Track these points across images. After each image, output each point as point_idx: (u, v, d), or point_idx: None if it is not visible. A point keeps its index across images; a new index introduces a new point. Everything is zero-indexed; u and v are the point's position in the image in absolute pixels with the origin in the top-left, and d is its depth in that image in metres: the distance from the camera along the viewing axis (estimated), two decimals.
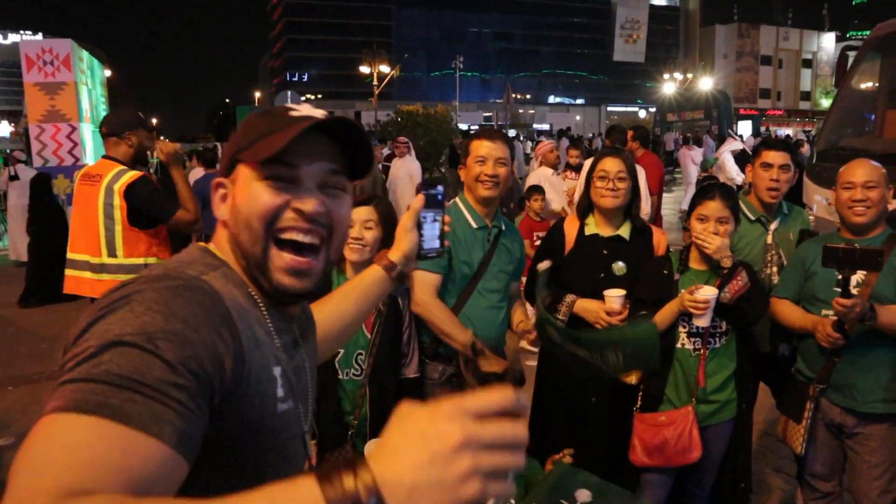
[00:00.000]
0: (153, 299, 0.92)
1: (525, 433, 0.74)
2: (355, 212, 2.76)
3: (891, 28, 8.59)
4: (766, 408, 4.35)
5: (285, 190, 1.11)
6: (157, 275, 0.98)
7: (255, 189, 1.11)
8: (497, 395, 0.74)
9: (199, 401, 0.89)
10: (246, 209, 1.10)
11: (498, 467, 0.71)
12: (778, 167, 3.25)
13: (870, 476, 2.89)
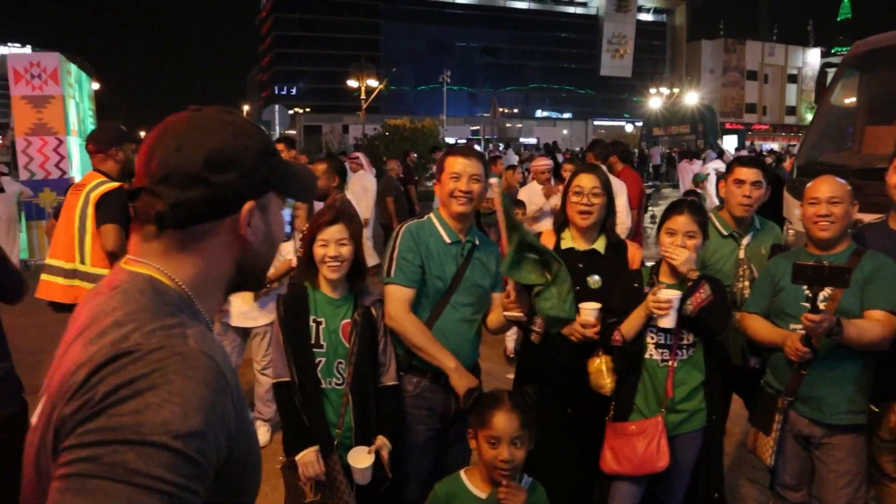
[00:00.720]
0: (165, 388, 0.92)
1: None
2: (328, 231, 2.84)
3: (868, 46, 8.74)
4: (742, 419, 4.41)
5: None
6: (153, 348, 0.96)
7: (281, 216, 1.28)
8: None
9: (209, 482, 0.95)
10: (277, 232, 1.27)
11: None
12: (750, 183, 3.34)
13: (837, 485, 2.96)
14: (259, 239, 1.20)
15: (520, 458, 2.34)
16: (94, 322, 1.02)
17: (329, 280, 2.88)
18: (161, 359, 0.95)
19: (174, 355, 0.96)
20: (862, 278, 2.87)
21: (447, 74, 58.72)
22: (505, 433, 2.31)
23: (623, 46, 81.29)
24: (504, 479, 2.33)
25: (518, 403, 2.38)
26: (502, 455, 2.29)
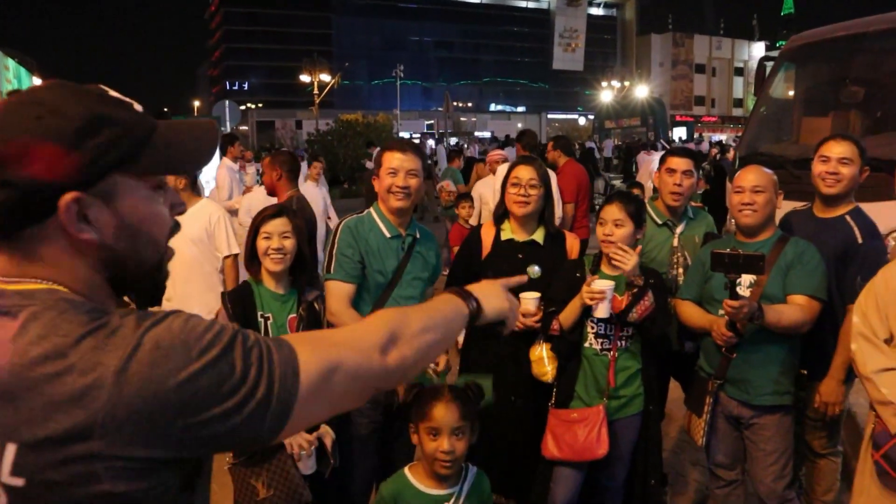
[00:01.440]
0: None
1: (514, 302, 1.71)
2: (272, 224, 2.86)
3: (803, 40, 8.99)
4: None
5: (164, 197, 1.12)
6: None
7: (152, 202, 1.08)
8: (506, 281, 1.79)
9: None
10: (143, 221, 1.06)
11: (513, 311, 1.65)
12: (681, 172, 3.45)
13: (765, 463, 3.08)
14: (110, 234, 1.02)
15: (461, 450, 2.35)
16: None
17: (272, 273, 2.90)
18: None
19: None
20: (785, 264, 2.99)
21: (400, 69, 58.64)
22: (445, 424, 2.31)
23: (575, 40, 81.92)
24: (445, 470, 2.34)
25: (458, 395, 2.39)
26: (442, 446, 2.30)
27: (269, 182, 4.79)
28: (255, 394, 0.95)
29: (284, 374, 0.98)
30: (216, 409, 0.92)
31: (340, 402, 1.11)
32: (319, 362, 1.03)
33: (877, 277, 2.66)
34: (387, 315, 1.23)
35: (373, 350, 1.12)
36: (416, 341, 1.20)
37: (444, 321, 1.34)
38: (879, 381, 2.51)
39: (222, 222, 4.69)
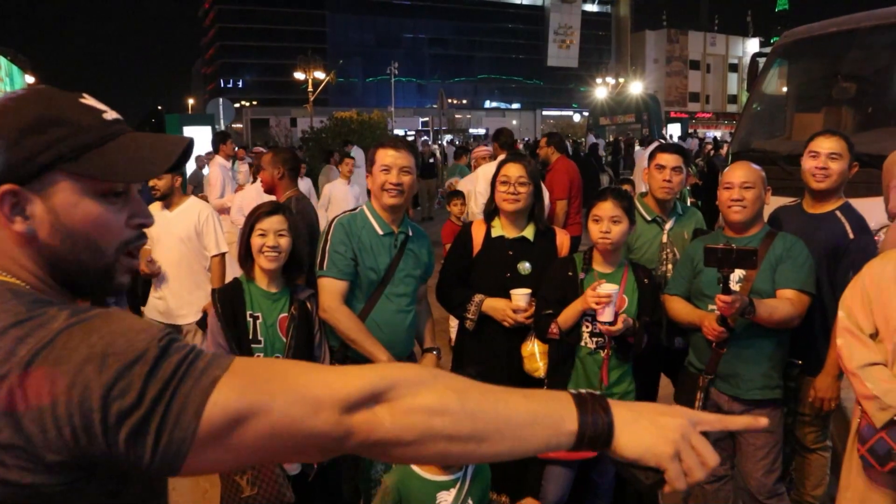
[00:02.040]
0: None
1: (715, 460, 1.04)
2: (268, 221, 2.86)
3: (795, 36, 9.00)
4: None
5: (122, 206, 1.09)
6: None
7: (98, 207, 1.06)
8: (714, 420, 1.10)
9: None
10: (82, 224, 1.05)
11: (690, 461, 1.02)
12: (671, 168, 3.47)
13: (755, 457, 3.10)
14: (46, 231, 1.02)
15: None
16: None
17: (266, 271, 2.89)
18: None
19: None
20: (774, 259, 3.00)
21: (395, 66, 58.50)
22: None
23: (569, 37, 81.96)
24: None
25: None
26: None
27: (269, 180, 4.71)
28: (146, 422, 0.87)
29: (183, 409, 0.88)
30: (99, 422, 0.86)
31: (256, 454, 0.93)
32: (233, 405, 0.89)
33: (862, 272, 2.68)
34: (393, 371, 0.99)
35: (328, 406, 0.92)
36: (412, 420, 0.95)
37: (501, 420, 0.99)
38: (864, 376, 2.54)
39: (211, 221, 4.70)
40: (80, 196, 1.03)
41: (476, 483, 2.48)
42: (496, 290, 3.30)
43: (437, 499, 2.41)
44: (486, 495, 2.58)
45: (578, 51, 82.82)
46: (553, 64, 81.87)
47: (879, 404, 2.48)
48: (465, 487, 2.44)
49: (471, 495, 2.45)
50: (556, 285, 3.19)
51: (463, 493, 2.43)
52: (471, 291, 3.34)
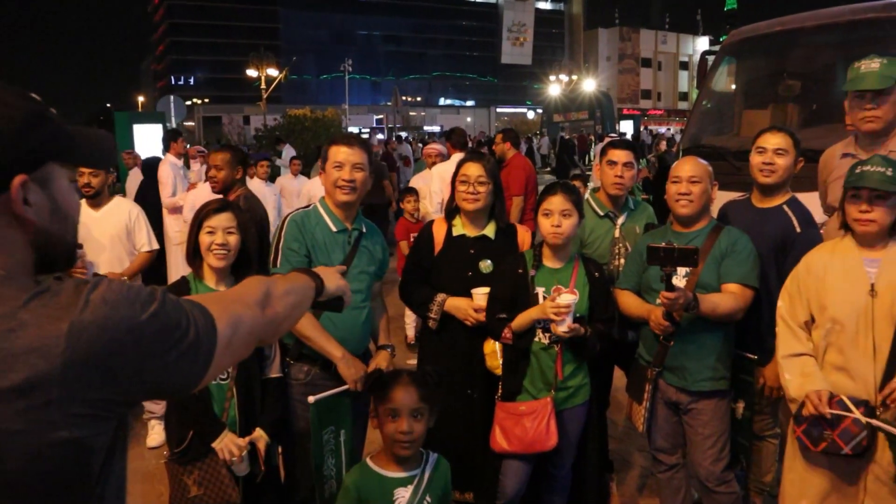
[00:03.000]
0: None
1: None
2: (216, 218, 2.82)
3: (743, 34, 9.19)
4: None
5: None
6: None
7: (72, 191, 1.23)
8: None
9: None
10: (67, 206, 1.21)
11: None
12: (622, 164, 3.52)
13: (704, 446, 3.16)
14: (45, 216, 1.14)
15: (419, 431, 2.40)
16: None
17: (215, 269, 2.86)
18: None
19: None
20: (719, 253, 3.06)
21: (349, 63, 58.21)
22: (404, 405, 2.37)
23: (523, 34, 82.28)
24: (404, 451, 2.39)
25: (417, 379, 2.46)
26: (401, 427, 2.36)
27: (228, 179, 4.67)
28: (187, 339, 1.11)
29: (206, 325, 1.17)
30: (160, 352, 1.08)
31: (240, 353, 1.32)
32: (228, 318, 1.23)
33: (800, 263, 2.81)
34: (259, 279, 1.48)
35: (257, 306, 1.35)
36: (284, 300, 1.47)
37: (301, 288, 1.62)
38: (785, 366, 2.73)
39: (141, 218, 4.69)
40: (65, 181, 1.19)
41: (435, 479, 2.49)
42: (458, 289, 3.31)
43: (395, 495, 2.41)
44: (448, 491, 2.59)
45: (532, 48, 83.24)
46: (507, 61, 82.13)
47: (787, 395, 2.72)
48: (423, 483, 2.45)
49: (429, 491, 2.46)
50: (507, 283, 3.19)
51: (421, 489, 2.44)
52: (433, 291, 3.35)
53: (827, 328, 2.67)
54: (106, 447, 1.08)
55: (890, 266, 2.59)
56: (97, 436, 1.05)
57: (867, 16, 7.69)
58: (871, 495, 2.61)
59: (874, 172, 2.54)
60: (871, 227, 2.58)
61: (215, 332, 1.18)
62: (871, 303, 2.58)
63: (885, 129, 3.27)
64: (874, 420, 2.54)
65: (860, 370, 2.59)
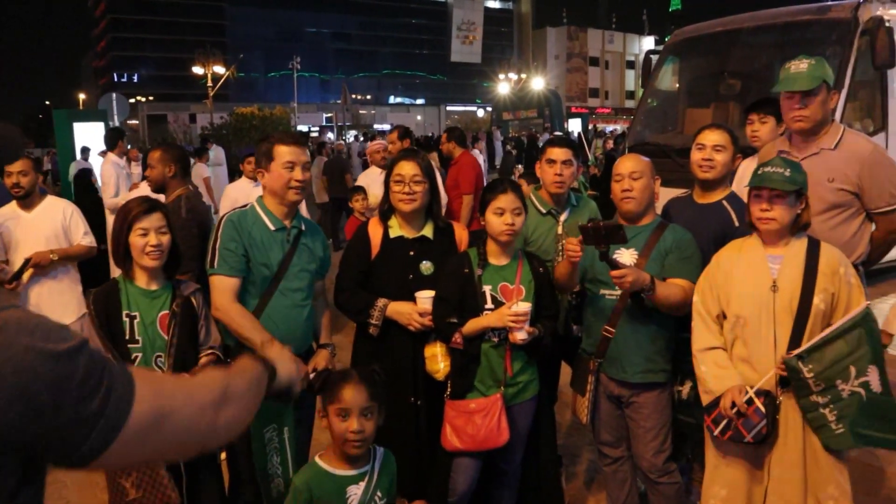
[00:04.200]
0: None
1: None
2: (147, 220, 2.77)
3: (685, 34, 9.41)
4: None
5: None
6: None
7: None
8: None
9: None
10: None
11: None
12: (561, 162, 3.55)
13: (645, 439, 3.21)
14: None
15: (370, 430, 2.42)
16: None
17: (146, 269, 2.81)
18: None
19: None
20: (663, 250, 3.11)
21: (297, 61, 57.64)
22: (354, 404, 2.38)
23: (472, 33, 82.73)
24: (356, 450, 2.41)
25: (365, 377, 2.46)
26: (352, 426, 2.37)
27: (159, 178, 4.53)
28: (88, 404, 0.93)
29: (120, 397, 0.98)
30: (58, 402, 0.91)
31: (164, 451, 1.13)
32: (155, 403, 1.03)
33: (712, 260, 2.91)
34: (217, 375, 1.29)
35: (211, 408, 1.16)
36: (242, 401, 1.28)
37: (257, 383, 1.43)
38: (700, 359, 2.83)
39: (77, 216, 4.59)
40: None
41: (383, 475, 2.52)
42: (399, 293, 3.23)
43: (347, 493, 2.44)
44: (393, 487, 2.61)
45: (481, 46, 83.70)
46: (456, 59, 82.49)
47: (704, 387, 2.81)
48: (374, 480, 2.48)
49: (379, 487, 2.49)
50: (453, 284, 3.15)
51: (372, 486, 2.47)
52: (373, 296, 3.27)
53: (733, 321, 2.78)
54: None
55: (791, 262, 2.71)
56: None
57: (803, 17, 7.96)
58: (775, 479, 2.76)
59: (774, 173, 2.65)
60: (772, 225, 2.69)
61: (129, 410, 0.99)
62: (773, 297, 2.70)
63: (814, 128, 3.37)
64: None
65: (763, 361, 2.71)
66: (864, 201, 3.36)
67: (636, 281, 2.90)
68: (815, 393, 2.60)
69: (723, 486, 2.87)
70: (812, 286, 2.66)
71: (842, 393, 2.59)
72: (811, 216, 2.82)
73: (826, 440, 2.64)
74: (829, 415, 2.60)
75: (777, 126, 4.19)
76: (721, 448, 2.85)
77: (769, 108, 4.23)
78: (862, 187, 3.32)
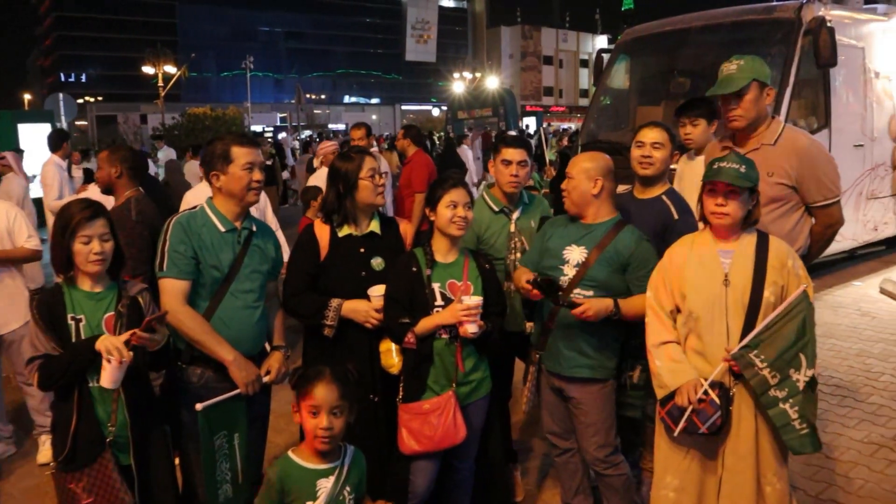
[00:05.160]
0: None
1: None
2: (92, 226, 2.70)
3: (635, 33, 9.55)
4: None
5: None
6: None
7: None
8: None
9: None
10: None
11: None
12: (516, 163, 3.57)
13: (586, 434, 3.25)
14: None
15: (339, 428, 2.46)
16: None
17: (90, 275, 2.76)
18: None
19: None
20: (614, 251, 3.13)
21: (250, 60, 57.06)
22: (325, 402, 2.42)
23: (427, 32, 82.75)
24: (324, 447, 2.46)
25: (338, 376, 2.48)
26: (322, 423, 2.41)
27: (105, 178, 4.43)
28: None
29: None
30: None
31: None
32: None
33: (665, 255, 2.97)
34: None
35: None
36: None
37: None
38: (656, 354, 2.87)
39: (20, 217, 4.50)
40: None
41: (352, 472, 2.56)
42: (352, 291, 3.20)
43: (318, 486, 2.48)
44: (363, 486, 2.63)
45: (436, 45, 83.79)
46: (411, 58, 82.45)
47: (659, 381, 2.84)
48: (343, 475, 2.51)
49: (348, 483, 2.53)
50: (403, 284, 3.12)
51: (341, 481, 2.51)
52: (325, 297, 3.22)
53: (687, 315, 2.83)
54: None
55: (741, 257, 2.77)
56: None
57: (749, 17, 8.16)
58: (728, 469, 2.81)
59: (729, 169, 2.71)
60: (726, 220, 2.75)
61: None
62: (725, 292, 2.75)
63: (751, 125, 3.44)
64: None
65: (717, 354, 2.75)
66: (801, 195, 3.44)
67: (599, 310, 2.98)
68: (773, 387, 2.65)
69: (675, 476, 2.91)
70: (762, 280, 2.72)
71: (797, 384, 2.65)
72: None
73: (791, 442, 2.69)
74: (791, 411, 2.65)
75: (708, 127, 4.32)
76: (674, 439, 2.89)
77: (699, 111, 4.37)
78: (799, 181, 3.39)
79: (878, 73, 8.74)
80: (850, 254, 9.22)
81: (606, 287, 3.11)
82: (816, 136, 7.65)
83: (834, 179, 3.47)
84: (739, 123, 3.43)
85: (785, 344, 2.64)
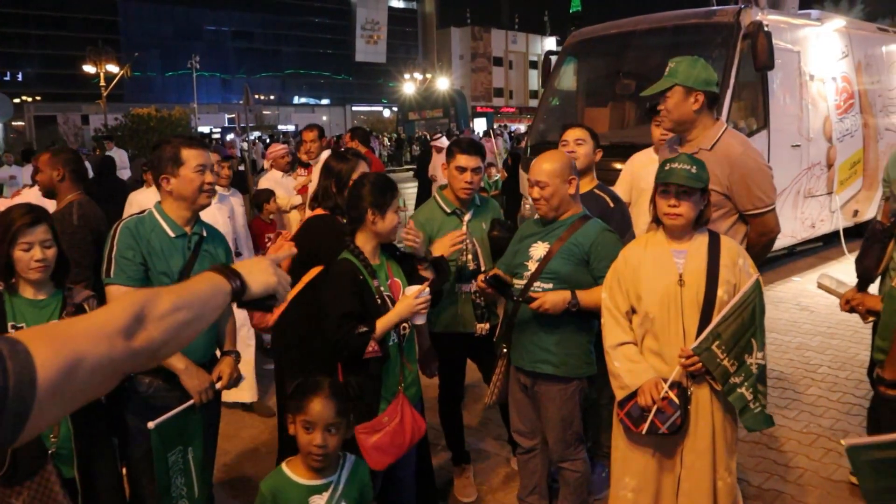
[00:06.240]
0: None
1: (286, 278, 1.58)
2: (33, 233, 2.64)
3: (582, 35, 9.69)
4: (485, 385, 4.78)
5: None
6: None
7: None
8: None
9: None
10: None
11: (283, 280, 1.56)
12: (471, 170, 3.62)
13: (554, 430, 3.30)
14: None
15: (333, 445, 2.41)
16: None
17: (32, 283, 2.70)
18: None
19: None
20: (575, 244, 3.19)
21: (196, 60, 56.05)
22: (320, 419, 2.37)
23: (377, 32, 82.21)
24: (317, 464, 2.41)
25: (336, 392, 2.44)
26: (315, 440, 2.36)
27: (47, 181, 4.31)
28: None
29: (19, 383, 0.95)
30: None
31: (84, 396, 1.09)
32: (59, 361, 1.01)
33: (619, 256, 3.02)
34: (134, 296, 1.23)
35: (116, 336, 1.13)
36: (166, 321, 1.22)
37: (200, 299, 1.35)
38: (613, 355, 2.92)
39: None
40: None
41: (350, 485, 2.50)
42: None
43: (310, 503, 2.43)
44: (368, 495, 2.59)
45: (386, 46, 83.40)
46: (361, 59, 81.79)
47: (619, 382, 2.89)
48: (339, 490, 2.46)
49: (344, 497, 2.47)
50: (353, 295, 2.92)
51: (336, 496, 2.45)
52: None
53: (643, 316, 2.89)
54: None
55: (695, 256, 2.84)
56: None
57: (690, 21, 8.36)
58: (687, 468, 2.88)
59: (681, 170, 2.77)
60: (679, 221, 2.82)
61: (33, 391, 0.96)
62: (680, 291, 2.82)
63: (677, 127, 3.45)
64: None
65: (673, 354, 2.81)
66: (733, 202, 3.37)
67: (556, 302, 3.05)
68: (733, 374, 2.74)
69: (633, 477, 2.96)
70: (716, 279, 2.79)
71: (751, 367, 2.76)
72: None
73: (747, 421, 2.80)
74: (747, 393, 2.75)
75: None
76: (632, 440, 2.94)
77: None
78: (730, 189, 3.31)
79: (813, 76, 9.03)
80: (789, 250, 9.51)
81: (567, 280, 3.15)
82: (756, 136, 7.86)
83: (765, 189, 3.36)
84: (665, 124, 3.71)
85: (740, 332, 2.73)
